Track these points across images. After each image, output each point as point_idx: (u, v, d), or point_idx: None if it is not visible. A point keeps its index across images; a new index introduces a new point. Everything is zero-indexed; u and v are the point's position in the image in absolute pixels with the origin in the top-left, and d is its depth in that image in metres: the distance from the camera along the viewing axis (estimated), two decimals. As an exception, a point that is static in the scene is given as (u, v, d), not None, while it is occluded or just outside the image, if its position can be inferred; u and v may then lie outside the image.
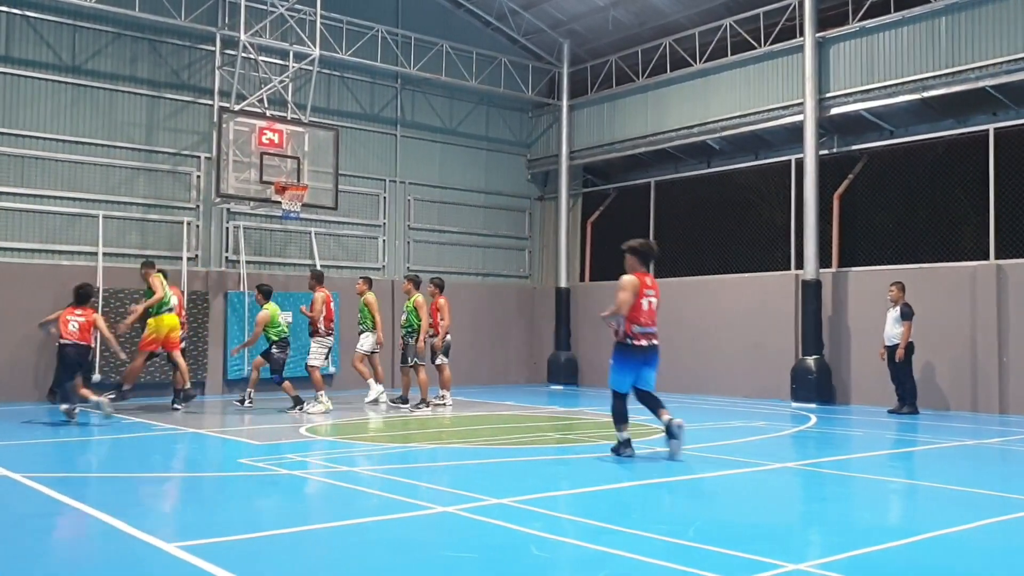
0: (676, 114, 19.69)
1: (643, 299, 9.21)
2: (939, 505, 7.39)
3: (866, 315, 16.29)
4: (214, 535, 5.87)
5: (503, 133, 22.54)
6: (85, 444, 10.89)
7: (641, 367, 9.28)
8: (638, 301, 9.16)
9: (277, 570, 5.16)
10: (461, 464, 9.34)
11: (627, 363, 9.28)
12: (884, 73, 16.27)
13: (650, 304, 9.31)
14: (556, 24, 21.59)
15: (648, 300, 9.28)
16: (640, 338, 9.18)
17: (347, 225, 19.67)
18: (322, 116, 18.81)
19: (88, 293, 12.94)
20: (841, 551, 5.56)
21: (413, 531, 6.12)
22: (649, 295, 9.30)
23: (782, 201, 18.37)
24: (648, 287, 9.31)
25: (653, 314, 9.33)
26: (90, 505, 6.66)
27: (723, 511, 7.00)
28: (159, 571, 5.07)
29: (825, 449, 11.20)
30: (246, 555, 5.43)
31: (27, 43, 16.10)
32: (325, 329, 14.49)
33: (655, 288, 9.45)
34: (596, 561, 5.26)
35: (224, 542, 5.70)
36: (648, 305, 9.27)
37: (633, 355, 9.23)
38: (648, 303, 9.28)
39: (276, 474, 8.56)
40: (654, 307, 9.36)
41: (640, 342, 9.18)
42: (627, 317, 9.12)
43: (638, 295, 9.17)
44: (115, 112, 16.92)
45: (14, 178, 15.83)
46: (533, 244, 23.03)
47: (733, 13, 18.83)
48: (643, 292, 9.22)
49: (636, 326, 9.15)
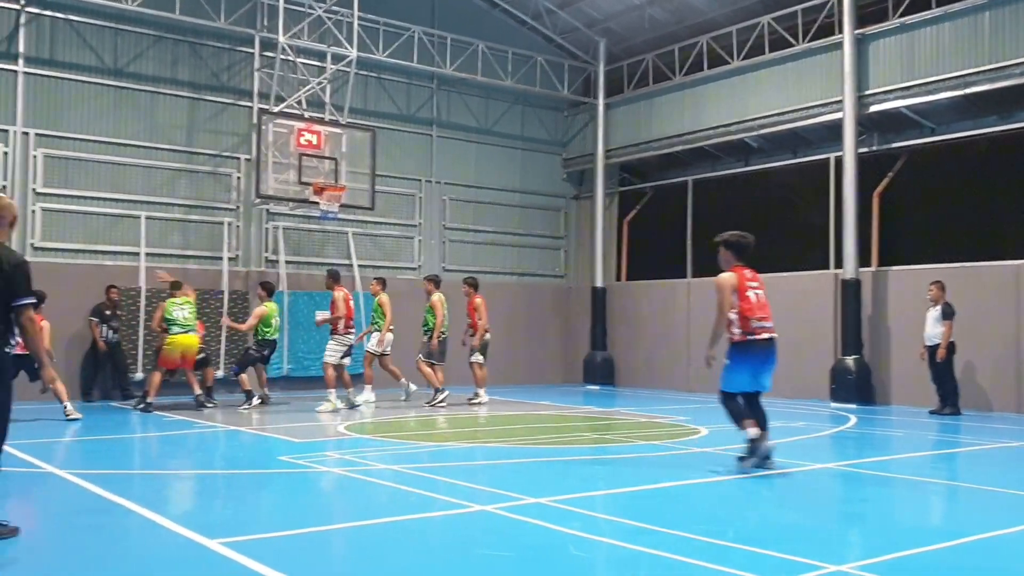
0: (713, 112, 19.59)
1: (748, 292, 8.48)
2: (982, 507, 7.30)
3: (906, 315, 16.12)
4: (255, 532, 5.94)
5: (538, 132, 22.54)
6: (128, 441, 11.05)
7: (760, 365, 8.48)
8: (743, 295, 8.43)
9: (317, 566, 5.21)
10: (498, 463, 9.37)
11: (746, 360, 8.43)
12: (925, 70, 16.08)
13: (758, 296, 8.54)
14: (592, 23, 21.56)
15: (755, 292, 8.54)
16: (759, 332, 8.40)
17: (383, 225, 19.77)
18: (359, 117, 18.91)
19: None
20: (883, 553, 5.52)
21: (451, 529, 6.15)
22: (753, 286, 8.56)
23: (821, 199, 18.20)
24: (749, 279, 8.58)
25: (765, 306, 8.55)
26: (134, 501, 6.75)
27: (763, 512, 6.96)
28: (202, 567, 5.13)
29: (865, 450, 11.10)
30: (286, 551, 5.48)
31: (71, 47, 16.35)
32: (344, 328, 14.65)
33: (758, 279, 8.71)
34: (634, 561, 5.25)
35: (265, 538, 5.76)
36: (756, 297, 8.51)
37: (753, 351, 8.41)
38: (755, 295, 8.52)
39: (315, 471, 8.64)
40: (763, 299, 8.58)
41: (760, 336, 8.40)
42: (739, 314, 8.39)
43: (740, 289, 8.45)
44: (156, 114, 17.13)
45: (59, 180, 16.08)
46: (569, 243, 23.01)
47: (771, 10, 18.69)
48: (746, 285, 8.49)
49: (752, 320, 8.38)
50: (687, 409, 15.19)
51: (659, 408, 15.38)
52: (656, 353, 20.79)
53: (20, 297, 5.67)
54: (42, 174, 15.91)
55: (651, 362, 20.89)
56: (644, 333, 21.16)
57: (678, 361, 20.19)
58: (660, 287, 20.97)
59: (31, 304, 5.74)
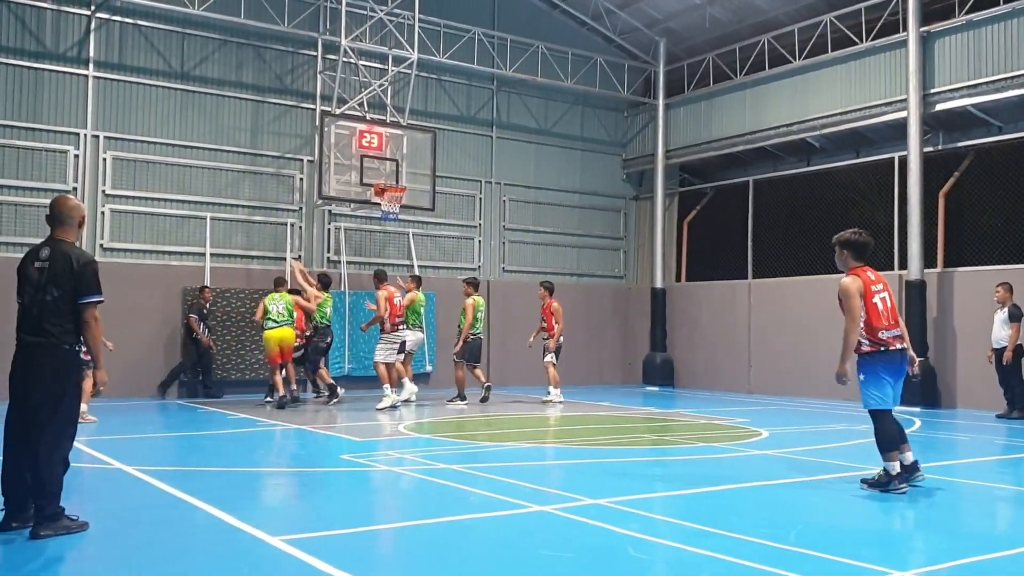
0: (775, 112, 19.41)
1: (873, 298, 7.71)
2: (1051, 514, 7.15)
3: (973, 317, 15.82)
4: (317, 529, 6.04)
5: (598, 133, 22.51)
6: (193, 439, 11.27)
7: (897, 375, 7.73)
8: (869, 302, 7.68)
9: (377, 564, 5.28)
10: (558, 464, 9.39)
11: (885, 371, 7.66)
12: (992, 67, 15.77)
13: (883, 301, 7.75)
14: (652, 23, 21.48)
15: (880, 297, 7.76)
16: (893, 342, 7.67)
17: (444, 226, 19.90)
18: (419, 119, 19.06)
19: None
20: (948, 559, 5.44)
21: (511, 529, 6.19)
22: (878, 291, 7.78)
23: (885, 200, 17.93)
24: (874, 282, 7.82)
25: (894, 312, 7.79)
26: (198, 498, 6.90)
27: (825, 516, 6.89)
28: (265, 564, 5.23)
29: (930, 454, 10.90)
30: (348, 549, 5.57)
31: (139, 51, 16.72)
32: (391, 326, 14.82)
33: (882, 281, 7.95)
34: (694, 564, 5.25)
35: (327, 536, 5.86)
36: (882, 303, 7.73)
37: (890, 361, 7.67)
38: (881, 300, 7.74)
39: (377, 470, 8.74)
40: (889, 304, 7.79)
41: (894, 346, 7.68)
42: (865, 323, 7.64)
43: (866, 295, 7.71)
44: (221, 117, 17.45)
45: (127, 181, 16.45)
46: (628, 244, 22.94)
47: (833, 9, 18.46)
48: (869, 290, 7.74)
49: (881, 331, 7.64)
50: (748, 411, 15.07)
51: (719, 410, 15.28)
52: (716, 354, 20.65)
53: (88, 295, 5.85)
54: (111, 176, 16.29)
55: (711, 363, 20.76)
56: (704, 334, 21.02)
57: (739, 363, 20.04)
58: (720, 288, 20.83)
59: (97, 303, 5.91)
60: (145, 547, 5.57)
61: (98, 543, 5.63)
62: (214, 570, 5.12)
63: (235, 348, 16.85)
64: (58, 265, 5.83)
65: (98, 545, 5.59)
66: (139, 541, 5.74)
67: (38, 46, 15.86)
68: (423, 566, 5.23)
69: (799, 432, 12.18)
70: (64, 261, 5.84)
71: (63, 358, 5.84)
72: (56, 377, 5.79)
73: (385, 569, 5.20)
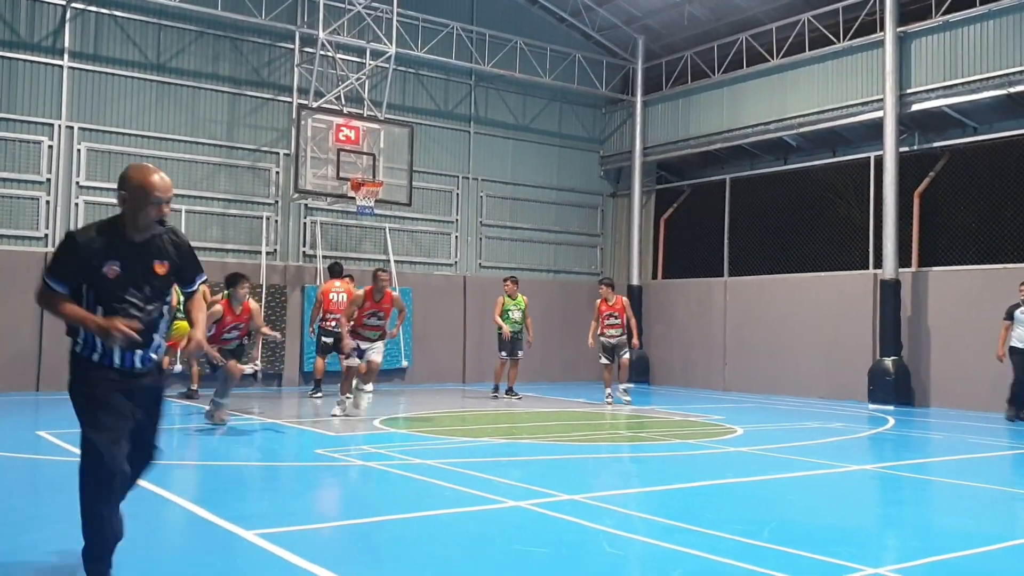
0: (752, 110, 19.48)
1: None
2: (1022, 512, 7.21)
3: (947, 316, 15.94)
4: (292, 524, 6.00)
5: (576, 129, 22.52)
6: (167, 434, 11.16)
7: None
8: None
9: (350, 559, 5.26)
10: (532, 459, 9.39)
11: None
12: (968, 68, 15.89)
13: None
14: (631, 20, 21.49)
15: None
16: None
17: (420, 221, 19.84)
18: (397, 113, 19.00)
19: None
20: (920, 556, 5.48)
21: (485, 524, 6.17)
22: None
23: (861, 199, 18.04)
24: None
25: None
26: (173, 493, 6.84)
27: (799, 512, 6.93)
28: (240, 558, 5.20)
29: (903, 452, 11.00)
30: (323, 544, 5.54)
31: (114, 42, 16.57)
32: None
33: None
34: (669, 559, 5.25)
35: (302, 531, 5.83)
36: None
37: None
38: None
39: (351, 465, 8.70)
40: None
41: None
42: None
43: None
44: (197, 109, 17.32)
45: (101, 173, 16.30)
46: (605, 241, 22.96)
47: (811, 8, 18.54)
48: None
49: None
50: (723, 408, 15.13)
51: (694, 407, 15.33)
52: (692, 351, 20.71)
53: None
54: (85, 167, 16.14)
55: (687, 360, 20.82)
56: (680, 331, 21.08)
57: (714, 360, 20.12)
58: (696, 286, 20.90)
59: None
60: (120, 543, 5.51)
61: (73, 539, 5.57)
62: (189, 564, 5.08)
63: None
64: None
65: (73, 541, 5.53)
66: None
67: (12, 35, 15.67)
68: (397, 561, 5.21)
69: (774, 429, 12.24)
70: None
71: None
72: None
73: (360, 564, 5.17)
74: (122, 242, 4.61)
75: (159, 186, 4.57)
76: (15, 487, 7.26)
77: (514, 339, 16.06)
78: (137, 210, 4.58)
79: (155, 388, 4.80)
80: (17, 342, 15.23)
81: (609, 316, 15.66)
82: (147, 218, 4.60)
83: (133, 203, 4.58)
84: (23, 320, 15.13)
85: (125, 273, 4.54)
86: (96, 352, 4.51)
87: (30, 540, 5.41)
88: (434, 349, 19.52)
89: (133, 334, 4.32)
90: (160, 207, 4.59)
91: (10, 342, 15.17)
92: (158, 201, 4.57)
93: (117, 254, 4.55)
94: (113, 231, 4.63)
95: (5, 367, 15.12)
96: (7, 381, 15.03)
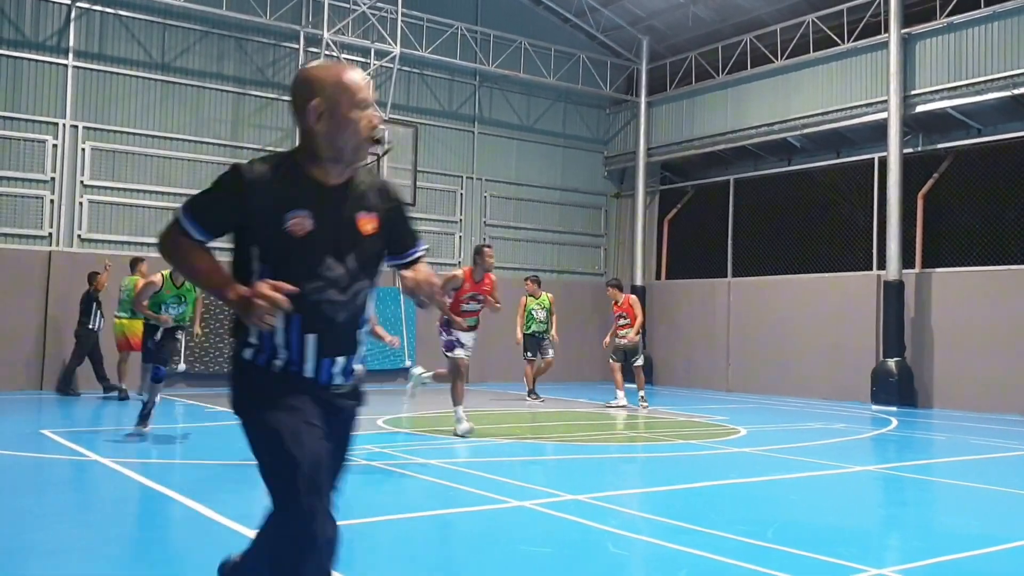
0: (756, 111, 19.48)
1: None
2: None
3: (950, 317, 15.93)
4: (296, 523, 5.99)
5: (580, 130, 22.52)
6: (169, 432, 11.19)
7: None
8: None
9: (354, 559, 5.26)
10: (537, 459, 9.39)
11: None
12: (972, 70, 15.88)
13: None
14: (635, 20, 21.50)
15: None
16: None
17: (424, 221, 19.83)
18: (401, 113, 19.02)
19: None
20: (923, 557, 5.47)
21: (489, 524, 6.18)
22: None
23: (864, 200, 18.04)
24: None
25: None
26: (176, 491, 6.85)
27: (802, 513, 6.93)
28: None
29: (906, 453, 11.00)
30: (328, 543, 5.53)
31: (119, 41, 16.60)
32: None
33: None
34: (673, 560, 5.26)
35: (306, 530, 5.81)
36: None
37: None
38: None
39: (355, 464, 8.70)
40: None
41: None
42: None
43: None
44: (202, 108, 17.35)
45: (106, 172, 16.33)
46: (609, 241, 22.96)
47: (816, 9, 18.53)
48: None
49: None
50: (726, 409, 15.12)
51: (698, 407, 15.33)
52: (695, 352, 20.71)
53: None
54: (89, 167, 16.18)
55: (690, 361, 20.82)
56: (683, 332, 21.08)
57: (717, 360, 20.11)
58: (700, 286, 20.89)
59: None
60: (122, 540, 5.53)
61: (77, 536, 5.58)
62: (192, 562, 5.09)
63: (213, 341, 16.74)
64: None
65: (74, 541, 5.54)
66: (117, 534, 5.70)
67: (17, 35, 15.71)
68: (400, 561, 5.21)
69: (777, 430, 12.23)
70: None
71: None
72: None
73: (364, 563, 5.18)
74: (311, 184, 2.98)
75: (364, 85, 3.05)
76: (18, 486, 7.28)
77: (539, 339, 15.99)
78: (340, 127, 2.96)
79: (351, 417, 3.39)
80: (21, 341, 15.26)
81: (619, 317, 15.63)
82: (357, 137, 2.98)
83: (333, 115, 2.96)
84: (27, 319, 15.16)
85: (319, 231, 2.94)
86: (279, 358, 3.02)
87: (31, 540, 5.43)
88: (437, 349, 19.44)
89: (283, 302, 2.75)
90: (372, 120, 3.03)
91: (14, 341, 15.20)
92: (366, 106, 3.02)
93: (306, 201, 2.94)
94: (294, 169, 2.99)
95: (9, 366, 15.14)
96: (11, 380, 15.06)
